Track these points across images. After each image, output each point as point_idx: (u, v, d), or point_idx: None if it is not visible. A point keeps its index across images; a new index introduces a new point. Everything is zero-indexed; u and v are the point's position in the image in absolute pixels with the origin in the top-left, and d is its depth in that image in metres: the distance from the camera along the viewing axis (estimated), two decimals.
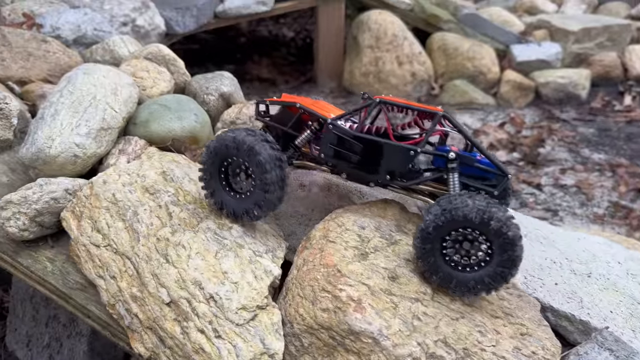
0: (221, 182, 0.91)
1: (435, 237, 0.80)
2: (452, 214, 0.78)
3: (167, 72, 1.38)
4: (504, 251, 0.77)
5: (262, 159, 0.85)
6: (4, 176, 1.13)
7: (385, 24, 2.85)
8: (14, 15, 1.95)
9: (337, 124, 0.91)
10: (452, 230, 0.80)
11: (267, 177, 0.85)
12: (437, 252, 0.81)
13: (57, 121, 1.06)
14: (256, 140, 0.86)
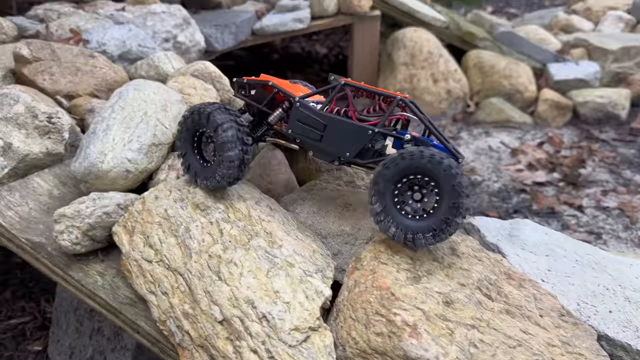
0: (193, 147, 1.02)
1: (390, 180, 0.85)
2: (408, 157, 0.83)
3: (213, 89, 1.39)
4: (450, 197, 0.81)
5: (225, 138, 0.94)
6: (55, 189, 1.15)
7: (421, 41, 2.85)
8: (61, 31, 2.01)
9: (304, 102, 0.98)
10: (406, 176, 0.84)
11: (228, 154, 0.95)
12: (390, 197, 0.85)
13: (110, 136, 1.08)
14: (226, 119, 0.95)
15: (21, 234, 1.03)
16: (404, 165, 0.84)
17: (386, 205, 0.86)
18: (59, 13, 2.27)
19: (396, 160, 0.84)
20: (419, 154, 0.82)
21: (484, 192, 2.10)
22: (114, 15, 2.18)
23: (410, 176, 0.85)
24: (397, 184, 0.86)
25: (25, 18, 2.32)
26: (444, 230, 0.82)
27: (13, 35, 2.01)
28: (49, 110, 1.20)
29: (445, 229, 0.82)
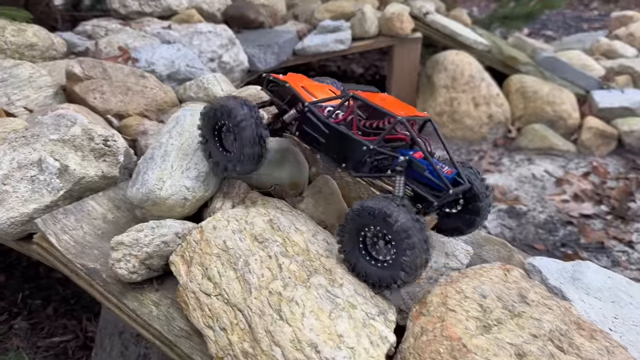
0: (214, 138, 1.06)
1: (352, 229, 0.89)
2: (363, 208, 0.85)
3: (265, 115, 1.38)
4: (401, 253, 0.82)
5: (245, 135, 0.98)
6: (110, 213, 1.15)
7: (462, 64, 2.82)
8: (109, 48, 2.04)
9: (312, 108, 1.01)
10: (365, 226, 0.87)
11: (245, 151, 0.99)
12: (355, 244, 0.90)
13: (168, 163, 1.07)
14: (245, 116, 0.98)
15: (76, 258, 1.03)
16: (361, 222, 0.87)
17: (353, 250, 0.91)
18: (106, 30, 2.31)
19: (352, 215, 0.88)
20: (371, 213, 0.84)
21: (530, 223, 2.05)
22: (160, 33, 2.20)
23: (370, 227, 0.87)
24: (360, 234, 0.89)
25: (73, 34, 2.37)
26: (397, 283, 0.85)
27: (63, 52, 2.04)
28: (105, 133, 1.20)
29: (399, 283, 0.84)
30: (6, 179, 1.12)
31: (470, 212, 1.01)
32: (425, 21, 2.97)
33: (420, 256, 0.82)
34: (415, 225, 0.82)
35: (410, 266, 0.82)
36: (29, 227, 1.12)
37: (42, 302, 1.67)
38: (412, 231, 0.81)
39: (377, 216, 0.84)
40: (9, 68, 1.64)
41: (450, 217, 1.03)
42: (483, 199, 0.99)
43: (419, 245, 0.81)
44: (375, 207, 0.84)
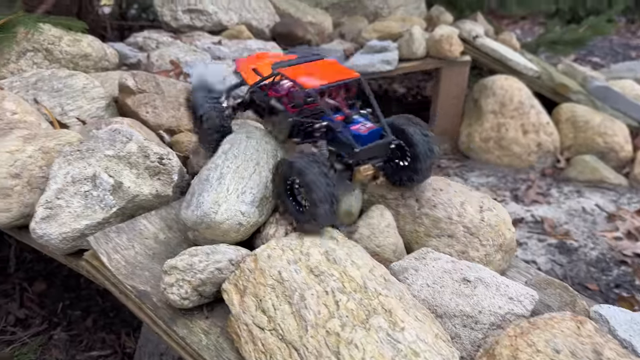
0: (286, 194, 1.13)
1: (279, 182, 1.05)
2: (287, 162, 1.01)
3: None
4: (309, 195, 0.97)
5: (202, 112, 1.20)
6: (161, 233, 1.13)
7: (512, 90, 2.75)
8: (161, 61, 2.05)
9: (254, 90, 1.21)
10: (289, 177, 1.02)
11: (206, 123, 1.20)
12: (284, 195, 1.05)
13: (224, 186, 1.05)
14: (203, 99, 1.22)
15: (127, 279, 1.01)
16: (285, 173, 1.03)
17: (283, 198, 1.06)
18: (157, 42, 2.33)
19: (276, 167, 1.06)
20: (291, 167, 0.99)
21: (582, 261, 1.96)
22: (211, 48, 2.21)
23: (290, 179, 1.02)
24: (286, 182, 1.03)
25: (125, 45, 2.40)
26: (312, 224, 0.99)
27: (115, 63, 2.07)
28: (161, 151, 1.19)
29: (317, 217, 0.97)
30: (60, 193, 1.12)
31: (414, 161, 1.13)
32: (474, 44, 2.91)
33: (324, 206, 0.96)
34: (321, 179, 0.95)
35: (319, 214, 0.97)
36: (79, 243, 1.11)
37: (82, 314, 1.66)
38: (316, 185, 0.95)
39: (294, 170, 0.99)
40: (64, 78, 1.66)
41: (402, 169, 1.16)
42: (422, 151, 1.11)
43: (324, 197, 0.95)
44: (293, 162, 0.99)
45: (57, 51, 1.86)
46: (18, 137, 1.27)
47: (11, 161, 1.21)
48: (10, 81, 1.65)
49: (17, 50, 1.82)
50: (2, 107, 1.44)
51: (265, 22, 2.75)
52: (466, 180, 2.64)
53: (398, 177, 1.18)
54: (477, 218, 1.17)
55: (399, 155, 1.14)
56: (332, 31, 3.15)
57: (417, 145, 1.10)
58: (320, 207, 0.96)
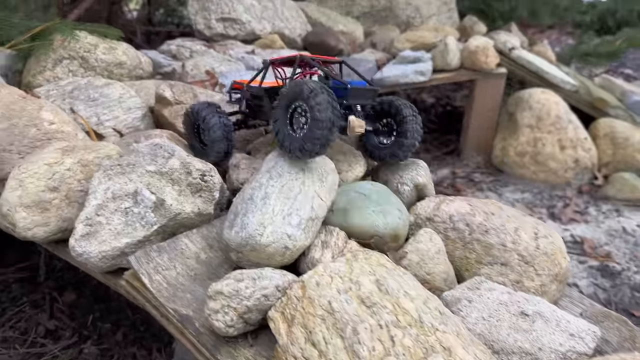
0: (194, 134, 1.35)
1: (284, 106, 1.06)
2: (294, 88, 1.03)
3: (361, 155, 1.31)
4: (313, 124, 1.00)
5: (211, 123, 1.27)
6: (203, 253, 1.09)
7: (549, 104, 2.67)
8: (196, 71, 2.03)
9: (250, 86, 1.32)
10: (293, 102, 1.04)
11: (214, 136, 1.27)
12: (284, 118, 1.06)
13: (269, 207, 1.01)
14: (209, 111, 1.29)
15: (168, 302, 0.97)
16: (292, 96, 1.04)
17: (281, 123, 1.08)
18: (191, 51, 2.31)
19: (287, 89, 1.07)
20: (295, 85, 1.03)
21: (625, 285, 1.88)
22: (244, 58, 2.18)
23: (295, 102, 1.04)
24: (289, 109, 1.06)
25: (158, 52, 2.39)
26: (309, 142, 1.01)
27: (149, 71, 2.05)
28: (203, 168, 1.16)
29: (309, 141, 1.01)
30: (100, 209, 1.09)
31: (400, 135, 1.22)
32: (510, 56, 2.85)
33: (327, 130, 1.00)
34: (329, 101, 0.99)
35: (317, 138, 1.00)
36: (118, 261, 1.08)
37: (112, 327, 1.64)
38: (323, 106, 0.98)
39: (304, 92, 1.01)
40: (100, 87, 1.64)
41: (386, 147, 1.25)
42: (409, 121, 1.20)
43: (329, 119, 0.99)
44: (304, 84, 1.01)
45: (92, 59, 1.85)
46: (56, 149, 1.24)
47: (49, 174, 1.19)
48: (46, 89, 1.64)
49: (53, 58, 1.81)
50: (39, 116, 1.42)
51: (297, 31, 2.72)
52: (500, 195, 2.57)
53: (381, 154, 1.27)
54: (532, 245, 1.11)
55: (386, 131, 1.26)
56: (363, 40, 3.12)
57: (406, 121, 1.20)
58: (323, 129, 1.00)
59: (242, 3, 2.48)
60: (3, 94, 1.48)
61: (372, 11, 3.35)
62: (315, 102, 1.00)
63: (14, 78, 1.87)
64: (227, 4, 2.45)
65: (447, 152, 3.09)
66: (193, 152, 1.37)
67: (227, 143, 1.30)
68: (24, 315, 1.66)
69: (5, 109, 1.43)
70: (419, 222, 1.20)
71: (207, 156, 1.31)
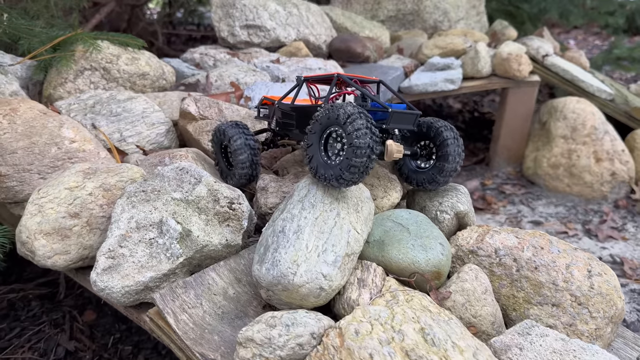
0: (221, 154, 1.31)
1: (317, 131, 1.00)
2: (329, 112, 0.98)
3: (397, 180, 1.23)
4: (351, 151, 0.93)
5: (236, 146, 1.22)
6: (231, 288, 1.02)
7: (585, 114, 2.56)
8: (220, 82, 1.96)
9: (281, 103, 1.27)
10: (328, 127, 0.99)
11: (239, 158, 1.22)
12: (317, 145, 1.01)
13: (302, 242, 0.94)
14: (235, 132, 1.24)
15: (195, 345, 0.91)
16: (328, 121, 0.99)
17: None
18: (214, 59, 2.25)
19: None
20: (330, 109, 0.98)
21: None
22: (269, 67, 2.11)
23: (330, 128, 0.99)
24: (323, 134, 1.01)
25: (181, 61, 2.33)
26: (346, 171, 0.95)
27: (172, 81, 1.99)
28: (231, 195, 1.09)
29: (347, 169, 0.94)
30: (123, 240, 1.03)
31: (440, 159, 1.15)
32: (543, 64, 2.73)
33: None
34: (368, 126, 0.93)
35: (355, 166, 0.93)
36: (142, 296, 1.01)
37: (133, 349, 1.58)
38: (361, 132, 0.92)
39: (340, 117, 0.95)
40: (123, 102, 1.59)
41: (424, 171, 1.19)
42: (450, 144, 1.12)
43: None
44: (341, 108, 0.96)
45: (114, 70, 1.80)
46: (78, 171, 1.19)
47: (70, 199, 1.13)
48: (68, 103, 1.59)
49: (74, 69, 1.76)
50: (60, 134, 1.37)
51: (322, 37, 2.65)
52: (533, 210, 2.47)
53: (419, 179, 1.20)
54: (585, 285, 1.02)
55: (424, 155, 1.20)
56: (389, 46, 3.03)
57: (447, 144, 1.13)
58: (362, 156, 0.94)
59: (266, 9, 2.41)
60: (23, 109, 1.44)
61: (398, 15, 3.26)
62: (353, 127, 0.93)
63: (35, 89, 1.82)
64: (251, 11, 2.38)
65: (476, 161, 2.99)
66: (219, 172, 1.34)
67: (253, 167, 1.24)
68: (43, 336, 1.61)
69: (26, 126, 1.38)
70: (461, 254, 1.12)
71: (232, 178, 1.27)
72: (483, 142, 3.21)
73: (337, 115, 0.96)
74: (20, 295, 1.80)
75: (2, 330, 1.63)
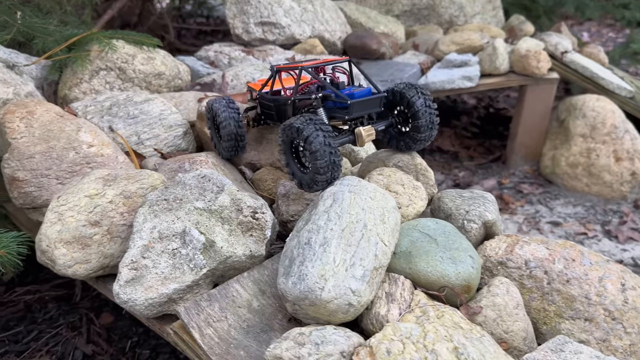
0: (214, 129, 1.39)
1: (284, 146, 1.08)
2: (286, 127, 1.04)
3: (422, 187, 1.20)
4: (312, 158, 1.01)
5: (222, 119, 1.31)
6: (255, 300, 1.00)
7: (605, 112, 2.51)
8: (236, 81, 1.94)
9: (261, 93, 1.32)
10: (292, 140, 1.06)
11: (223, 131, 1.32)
12: (289, 156, 1.09)
13: (329, 255, 0.91)
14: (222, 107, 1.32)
15: None
16: (290, 136, 1.06)
17: (288, 160, 1.10)
18: (229, 57, 2.22)
19: (282, 131, 1.07)
20: (290, 127, 1.04)
21: None
22: None
23: (294, 141, 1.06)
24: (292, 146, 1.08)
25: (195, 59, 2.30)
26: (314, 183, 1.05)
27: (187, 80, 1.97)
28: (254, 204, 1.07)
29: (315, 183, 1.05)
30: (146, 251, 1.01)
31: (415, 130, 1.18)
32: (562, 61, 2.68)
33: (326, 158, 1.01)
34: (319, 132, 1.00)
35: (321, 171, 1.02)
36: (165, 308, 1.00)
37: (151, 354, 1.57)
38: (315, 138, 0.99)
39: (293, 130, 1.03)
40: (140, 103, 1.57)
41: (404, 135, 1.21)
42: (423, 115, 1.15)
43: (323, 149, 1.00)
44: (291, 123, 1.03)
45: (130, 70, 1.78)
46: (97, 178, 1.17)
47: (91, 207, 1.12)
48: (84, 105, 1.57)
49: (90, 69, 1.74)
50: (78, 138, 1.35)
51: (337, 34, 2.61)
52: (552, 210, 2.43)
53: (400, 142, 1.23)
54: (619, 299, 0.99)
55: (401, 121, 1.21)
56: (404, 41, 2.98)
57: (419, 116, 1.15)
58: (323, 159, 1.01)
59: (281, 6, 2.38)
60: (40, 112, 1.42)
61: (413, 9, 3.21)
62: (311, 149, 1.01)
63: (50, 89, 1.81)
64: (266, 8, 2.35)
65: (493, 159, 2.95)
66: (214, 147, 1.43)
67: (237, 138, 1.32)
68: (60, 339, 1.61)
69: (43, 130, 1.36)
70: (489, 265, 1.09)
71: (222, 151, 1.38)
72: (499, 139, 3.16)
73: (296, 131, 1.03)
74: (37, 296, 1.80)
75: (20, 333, 1.63)
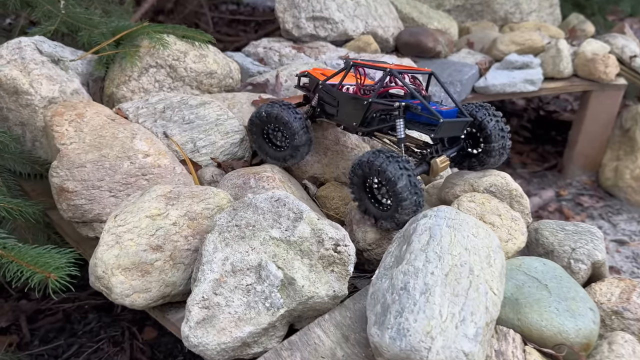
0: (264, 138, 1.29)
1: (357, 182, 1.03)
2: (361, 164, 1.00)
3: (520, 218, 1.06)
4: (395, 199, 0.97)
5: (292, 127, 1.18)
6: (339, 348, 0.88)
7: None
8: (290, 82, 1.81)
9: (325, 84, 1.19)
10: (367, 177, 1.01)
11: (296, 139, 1.20)
12: (363, 193, 1.04)
13: (434, 307, 0.79)
14: (285, 112, 1.19)
15: None
16: (361, 173, 1.01)
17: (361, 196, 1.05)
18: (279, 54, 2.09)
19: (354, 169, 1.02)
20: (368, 164, 0.98)
21: None
22: (340, 65, 1.94)
23: (369, 179, 1.01)
24: (365, 183, 1.03)
25: (244, 55, 2.18)
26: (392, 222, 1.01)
27: (238, 79, 1.84)
28: (336, 236, 0.94)
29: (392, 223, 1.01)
30: (218, 286, 0.89)
31: (485, 153, 1.11)
32: (631, 65, 2.50)
33: (411, 199, 0.95)
34: (403, 173, 0.94)
35: (405, 209, 0.97)
36: (238, 352, 0.88)
37: None
38: (400, 180, 0.94)
39: (372, 169, 0.97)
40: (196, 107, 1.45)
41: (473, 156, 1.14)
42: (495, 139, 1.09)
43: (408, 191, 0.95)
44: (368, 160, 0.98)
45: (181, 68, 1.66)
46: (159, 196, 1.06)
47: (152, 229, 1.00)
48: (135, 107, 1.46)
49: (139, 66, 1.62)
50: (133, 147, 1.24)
51: (391, 30, 2.46)
52: (615, 226, 2.27)
53: (463, 162, 1.17)
54: None
55: (470, 144, 1.15)
56: (457, 39, 2.82)
57: (492, 139, 1.09)
58: (408, 200, 0.96)
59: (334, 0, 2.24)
60: (90, 114, 1.31)
61: (465, 4, 3.03)
62: (395, 191, 0.96)
63: (96, 86, 1.70)
64: (318, 1, 2.21)
65: (548, 167, 2.78)
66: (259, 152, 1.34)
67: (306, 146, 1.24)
68: (102, 355, 1.51)
69: (94, 136, 1.25)
70: (601, 314, 0.95)
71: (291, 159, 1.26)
72: (552, 144, 2.99)
73: (372, 174, 0.99)
74: (76, 305, 1.71)
75: (60, 347, 1.54)
